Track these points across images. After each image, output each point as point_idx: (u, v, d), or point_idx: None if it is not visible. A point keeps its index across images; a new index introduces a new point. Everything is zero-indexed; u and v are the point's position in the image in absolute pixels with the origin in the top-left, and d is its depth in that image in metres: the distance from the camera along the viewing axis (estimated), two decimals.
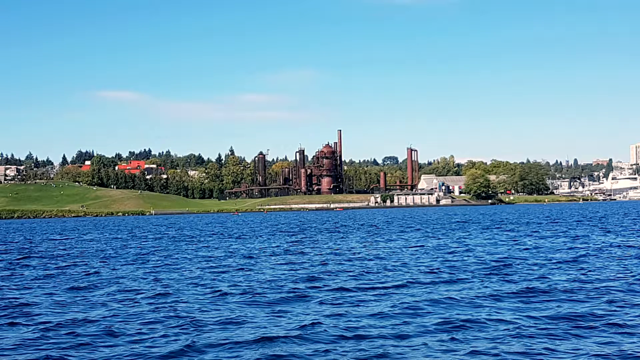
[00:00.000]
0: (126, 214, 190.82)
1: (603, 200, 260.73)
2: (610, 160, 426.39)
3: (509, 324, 13.76)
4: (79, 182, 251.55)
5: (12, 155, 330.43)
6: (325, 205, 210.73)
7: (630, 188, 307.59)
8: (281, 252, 34.15)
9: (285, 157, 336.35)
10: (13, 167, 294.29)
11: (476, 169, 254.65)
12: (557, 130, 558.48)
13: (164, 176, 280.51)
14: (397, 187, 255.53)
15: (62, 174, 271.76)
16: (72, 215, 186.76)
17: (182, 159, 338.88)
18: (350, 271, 23.68)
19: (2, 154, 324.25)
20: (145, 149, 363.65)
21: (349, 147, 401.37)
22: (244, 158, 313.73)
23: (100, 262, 30.69)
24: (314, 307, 16.45)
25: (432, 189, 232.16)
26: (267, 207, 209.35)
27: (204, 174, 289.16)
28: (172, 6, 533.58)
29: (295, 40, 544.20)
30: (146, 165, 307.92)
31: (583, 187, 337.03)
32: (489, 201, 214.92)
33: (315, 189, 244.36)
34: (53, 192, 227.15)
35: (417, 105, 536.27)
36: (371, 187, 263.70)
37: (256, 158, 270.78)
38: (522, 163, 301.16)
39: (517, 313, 14.91)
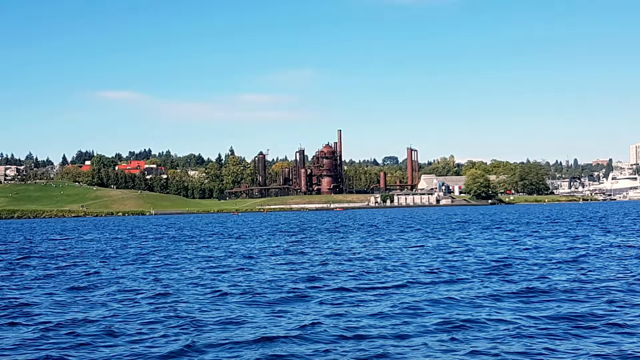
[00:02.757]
0: (126, 214, 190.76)
1: (603, 200, 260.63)
2: (610, 160, 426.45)
3: (509, 324, 13.75)
4: (79, 182, 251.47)
5: (12, 155, 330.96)
6: (325, 205, 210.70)
7: (630, 188, 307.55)
8: (281, 252, 34.14)
9: (285, 157, 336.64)
10: (13, 167, 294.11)
11: (476, 169, 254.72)
12: (557, 130, 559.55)
13: (164, 176, 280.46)
14: (397, 187, 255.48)
15: (62, 174, 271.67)
16: (72, 215, 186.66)
17: (182, 159, 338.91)
18: (350, 271, 23.67)
19: (2, 154, 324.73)
20: (145, 149, 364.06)
21: (349, 147, 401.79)
22: (244, 158, 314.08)
23: (100, 262, 30.68)
24: (314, 307, 16.44)
25: (432, 189, 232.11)
26: (267, 207, 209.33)
27: (204, 174, 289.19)
28: (172, 6, 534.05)
29: (295, 40, 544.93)
30: (146, 165, 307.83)
31: (583, 187, 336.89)
32: (489, 201, 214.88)
33: (315, 189, 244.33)
34: (53, 192, 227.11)
35: (417, 105, 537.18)
36: (371, 187, 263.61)
37: (256, 158, 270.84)
38: (522, 163, 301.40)
39: (517, 313, 14.90)
